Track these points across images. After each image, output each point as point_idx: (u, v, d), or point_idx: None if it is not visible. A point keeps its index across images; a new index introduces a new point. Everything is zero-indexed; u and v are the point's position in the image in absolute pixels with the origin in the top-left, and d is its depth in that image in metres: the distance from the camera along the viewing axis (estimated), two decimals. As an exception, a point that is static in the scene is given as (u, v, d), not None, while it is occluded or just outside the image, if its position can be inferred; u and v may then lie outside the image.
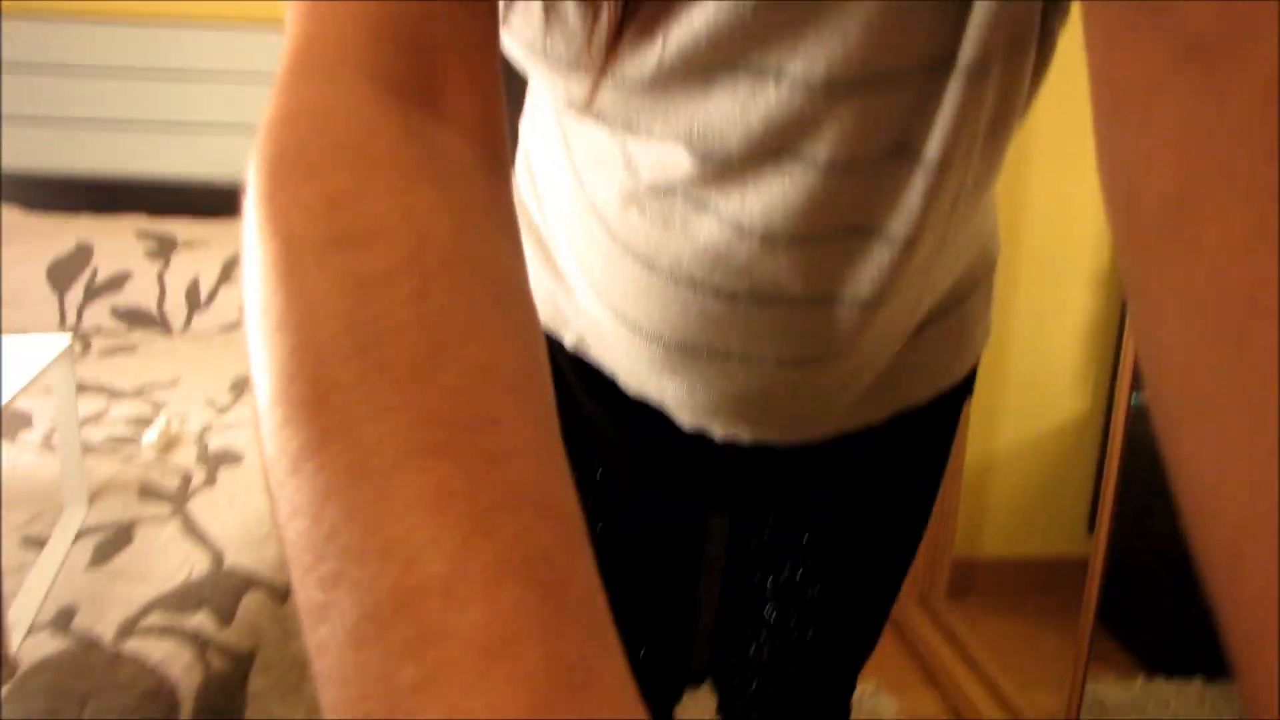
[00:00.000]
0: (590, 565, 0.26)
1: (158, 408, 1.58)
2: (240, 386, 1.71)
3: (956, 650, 2.22)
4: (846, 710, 1.09)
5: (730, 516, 1.03)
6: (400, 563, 0.22)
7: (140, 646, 0.93)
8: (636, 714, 0.23)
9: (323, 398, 0.25)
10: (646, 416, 0.83)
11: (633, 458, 0.90)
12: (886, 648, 2.32)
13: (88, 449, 1.39)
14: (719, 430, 0.81)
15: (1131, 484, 1.58)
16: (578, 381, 0.85)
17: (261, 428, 0.26)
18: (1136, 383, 1.63)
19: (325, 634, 0.23)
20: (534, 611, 0.22)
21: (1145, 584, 2.13)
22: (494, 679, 0.21)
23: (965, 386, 0.88)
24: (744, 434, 0.81)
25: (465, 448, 0.24)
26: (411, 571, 0.22)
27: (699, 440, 0.82)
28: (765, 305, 0.69)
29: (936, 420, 0.89)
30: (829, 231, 0.62)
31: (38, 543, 1.11)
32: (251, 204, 0.29)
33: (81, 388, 1.65)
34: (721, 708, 1.12)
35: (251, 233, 0.29)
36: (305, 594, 0.24)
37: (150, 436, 1.43)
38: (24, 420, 1.51)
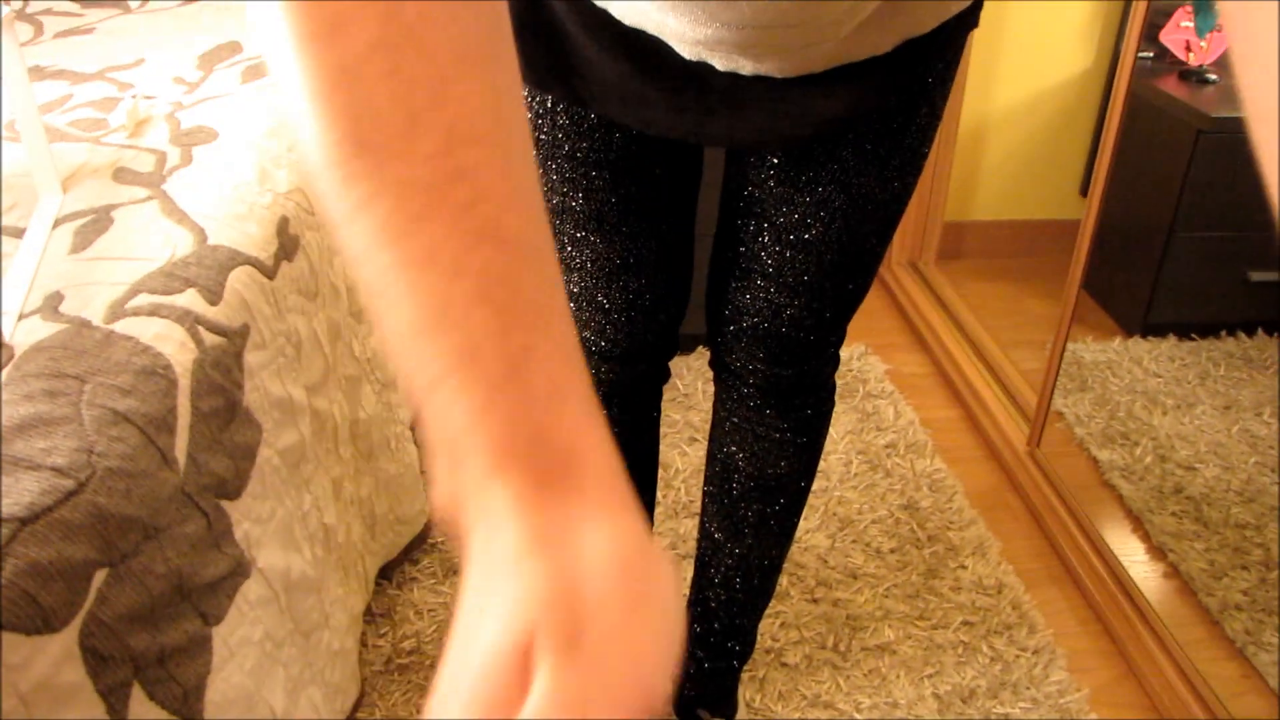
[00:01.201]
0: (549, 281, 0.39)
1: (123, 89, 1.53)
2: (208, 61, 1.63)
3: (943, 312, 2.28)
4: (836, 358, 1.11)
5: (728, 158, 1.01)
6: (421, 293, 0.36)
7: (131, 326, 0.95)
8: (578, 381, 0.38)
9: (347, 179, 0.36)
10: (645, 48, 0.79)
11: (632, 95, 0.86)
12: (876, 311, 2.38)
13: (56, 135, 1.36)
14: (720, 63, 0.78)
15: (1125, 148, 1.56)
16: (573, 19, 0.81)
17: (318, 176, 0.37)
18: (1144, 39, 1.56)
19: (393, 322, 0.37)
20: (491, 324, 0.36)
21: (1127, 249, 2.15)
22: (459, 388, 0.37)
23: (971, 15, 0.85)
24: (746, 66, 0.78)
25: (443, 203, 0.35)
26: (429, 301, 0.36)
27: (699, 74, 0.80)
28: None
29: (940, 49, 0.86)
30: None
31: (15, 233, 1.11)
32: None
33: (40, 72, 1.58)
34: (714, 362, 1.14)
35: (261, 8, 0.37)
36: (372, 294, 0.37)
37: (118, 119, 1.40)
38: (-15, 106, 1.46)
